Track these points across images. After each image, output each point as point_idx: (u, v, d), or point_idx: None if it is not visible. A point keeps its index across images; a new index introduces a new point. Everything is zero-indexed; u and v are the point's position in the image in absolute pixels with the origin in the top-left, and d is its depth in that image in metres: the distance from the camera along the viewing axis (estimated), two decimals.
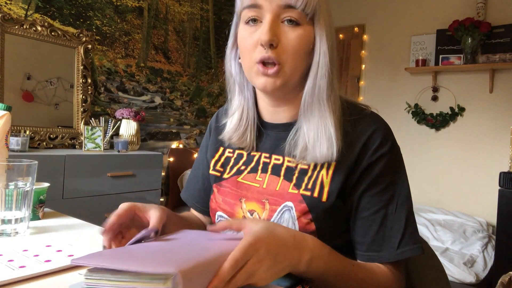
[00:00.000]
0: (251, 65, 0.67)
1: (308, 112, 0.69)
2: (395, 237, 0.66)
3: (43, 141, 2.18)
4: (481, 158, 2.95)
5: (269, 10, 0.64)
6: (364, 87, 3.56)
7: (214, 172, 0.81)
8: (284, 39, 0.64)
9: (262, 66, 0.65)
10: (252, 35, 0.66)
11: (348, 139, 0.69)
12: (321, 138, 0.66)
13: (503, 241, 1.95)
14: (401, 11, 3.33)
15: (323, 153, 0.66)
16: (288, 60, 0.65)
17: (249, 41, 0.66)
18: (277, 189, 0.71)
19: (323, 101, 0.67)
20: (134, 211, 0.63)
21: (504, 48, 2.82)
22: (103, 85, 2.58)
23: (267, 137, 0.77)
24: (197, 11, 3.24)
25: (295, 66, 0.66)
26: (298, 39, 0.64)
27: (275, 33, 0.64)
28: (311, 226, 0.66)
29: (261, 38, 0.63)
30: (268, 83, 0.66)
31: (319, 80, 0.66)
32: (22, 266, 0.58)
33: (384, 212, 0.67)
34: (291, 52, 0.65)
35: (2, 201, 0.73)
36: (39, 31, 2.17)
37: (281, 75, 0.66)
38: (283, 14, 0.64)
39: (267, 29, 0.63)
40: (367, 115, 0.71)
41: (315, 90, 0.67)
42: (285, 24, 0.64)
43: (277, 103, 0.74)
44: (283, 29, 0.64)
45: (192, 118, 3.25)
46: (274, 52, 0.64)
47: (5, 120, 0.88)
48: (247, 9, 0.66)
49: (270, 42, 0.63)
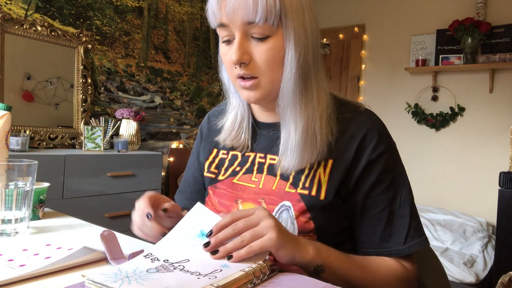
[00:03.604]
0: (233, 80, 0.69)
1: (284, 117, 0.69)
2: (401, 232, 0.67)
3: (43, 141, 2.18)
4: (481, 158, 2.95)
5: (236, 29, 0.64)
6: (364, 87, 3.56)
7: (208, 174, 0.81)
8: (256, 54, 0.64)
9: (241, 80, 0.67)
10: (227, 53, 0.67)
11: (343, 137, 0.69)
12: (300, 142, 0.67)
13: (503, 241, 1.95)
14: (401, 11, 3.33)
15: (307, 156, 0.67)
16: (263, 73, 0.65)
17: (226, 59, 0.68)
18: (274, 188, 0.71)
19: (295, 104, 0.67)
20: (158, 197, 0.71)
21: (504, 48, 2.82)
22: (103, 85, 2.58)
23: (261, 137, 0.77)
24: (197, 11, 3.24)
25: (273, 77, 0.66)
26: (268, 52, 0.64)
27: (245, 51, 0.64)
28: (310, 225, 0.67)
29: (231, 59, 0.64)
30: (250, 95, 0.68)
31: (286, 84, 0.66)
32: (22, 265, 0.58)
33: (390, 209, 0.68)
34: (264, 66, 0.65)
35: (2, 201, 0.73)
36: (39, 31, 2.17)
37: (260, 87, 0.67)
38: (250, 30, 0.63)
39: (235, 49, 0.64)
40: (361, 113, 0.72)
41: (283, 97, 0.67)
42: (255, 38, 0.64)
43: (268, 108, 0.74)
44: (253, 44, 0.64)
45: (192, 118, 3.25)
46: (248, 69, 0.65)
47: (5, 120, 0.88)
48: (218, 28, 0.66)
49: (239, 62, 0.64)
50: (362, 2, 3.54)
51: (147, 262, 0.54)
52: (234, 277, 0.50)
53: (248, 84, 0.66)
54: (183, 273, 0.51)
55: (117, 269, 0.51)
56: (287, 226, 0.67)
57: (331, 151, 0.68)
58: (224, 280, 0.49)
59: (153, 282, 0.48)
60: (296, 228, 0.67)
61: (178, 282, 0.48)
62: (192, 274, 0.51)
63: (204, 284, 0.48)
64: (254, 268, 0.53)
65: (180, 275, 0.51)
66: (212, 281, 0.49)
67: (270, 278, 0.55)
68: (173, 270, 0.52)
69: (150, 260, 0.55)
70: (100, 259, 0.63)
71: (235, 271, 0.52)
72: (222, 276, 0.51)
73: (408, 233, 0.67)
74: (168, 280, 0.49)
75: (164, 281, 0.48)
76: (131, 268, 0.52)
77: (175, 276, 0.50)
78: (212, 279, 0.49)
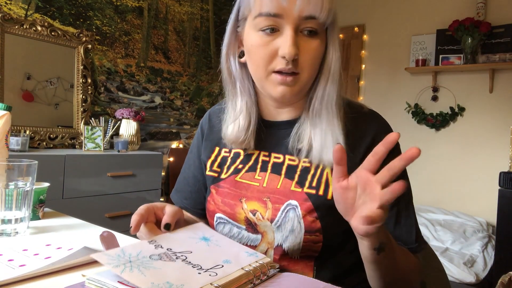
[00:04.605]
0: (266, 74, 0.66)
1: (315, 118, 0.69)
2: (410, 232, 0.68)
3: (43, 141, 2.18)
4: (481, 158, 2.95)
5: (290, 21, 0.62)
6: (364, 87, 3.56)
7: (211, 173, 0.80)
8: (303, 50, 0.64)
9: (279, 75, 0.64)
10: (269, 44, 0.64)
11: (351, 137, 0.69)
12: (328, 143, 0.66)
13: (503, 241, 1.95)
14: (401, 11, 3.33)
15: (330, 158, 0.66)
16: (305, 69, 0.65)
17: (265, 51, 0.64)
18: (279, 187, 0.70)
19: (331, 107, 0.67)
20: (154, 209, 0.66)
21: (504, 48, 2.82)
22: (103, 85, 2.58)
23: (266, 136, 0.76)
24: (197, 11, 3.24)
25: (311, 74, 0.66)
26: (316, 50, 0.64)
27: (297, 46, 0.63)
28: (317, 224, 0.66)
29: (285, 52, 0.62)
30: (286, 91, 0.66)
31: (329, 87, 0.67)
32: (22, 265, 0.58)
33: (397, 209, 0.68)
34: (309, 63, 0.65)
35: (2, 201, 0.73)
36: (39, 31, 2.17)
37: (299, 83, 0.66)
38: (303, 24, 0.63)
39: (290, 43, 0.61)
40: (367, 114, 0.72)
41: (324, 97, 0.67)
42: (305, 34, 0.63)
43: (282, 105, 0.73)
44: (302, 39, 0.64)
45: (192, 118, 3.25)
46: (294, 64, 0.64)
47: (5, 120, 0.88)
48: (264, 17, 0.63)
49: (295, 57, 0.62)
50: (362, 2, 3.54)
51: (150, 248, 0.54)
52: (234, 276, 0.50)
53: (289, 79, 0.64)
54: (185, 265, 0.51)
55: (121, 251, 0.51)
56: (294, 225, 0.67)
57: None
58: (224, 279, 0.49)
59: (155, 272, 0.48)
60: (302, 227, 0.67)
61: (178, 275, 0.48)
62: (194, 267, 0.51)
63: (204, 282, 0.48)
64: (254, 268, 0.53)
65: (181, 267, 0.51)
66: (213, 279, 0.49)
67: (270, 278, 0.55)
68: (175, 260, 0.52)
69: (154, 246, 0.55)
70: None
71: (236, 269, 0.52)
72: (223, 273, 0.50)
73: (417, 232, 0.68)
74: (169, 272, 0.49)
75: (165, 273, 0.48)
76: (135, 252, 0.52)
77: (176, 267, 0.50)
78: (213, 276, 0.49)
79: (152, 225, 0.64)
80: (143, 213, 0.63)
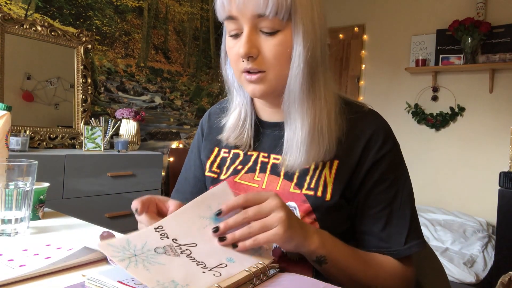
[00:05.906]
0: (238, 74, 0.68)
1: (289, 113, 0.68)
2: (401, 233, 0.67)
3: (43, 141, 2.18)
4: (481, 158, 2.95)
5: (245, 22, 0.63)
6: (364, 87, 3.56)
7: (210, 174, 0.80)
8: (264, 48, 0.64)
9: (247, 74, 0.66)
10: (234, 46, 0.66)
11: (349, 138, 0.69)
12: (306, 140, 0.66)
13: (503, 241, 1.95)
14: (401, 11, 3.33)
15: (313, 154, 0.66)
16: (271, 67, 0.65)
17: (233, 53, 0.67)
18: (278, 189, 0.71)
19: (302, 100, 0.66)
20: (155, 201, 0.65)
21: (504, 48, 2.82)
22: (103, 85, 2.58)
23: (265, 137, 0.76)
24: (197, 11, 3.24)
25: (280, 72, 0.65)
26: (276, 47, 0.63)
27: (254, 44, 0.63)
28: (315, 226, 0.66)
29: (239, 52, 0.63)
30: (255, 89, 0.66)
31: (294, 79, 0.65)
32: (22, 265, 0.58)
33: (390, 209, 0.68)
34: (272, 61, 0.64)
35: (2, 201, 0.73)
36: (39, 31, 2.17)
37: (266, 81, 0.66)
38: (259, 23, 0.63)
39: (244, 42, 0.63)
40: (366, 113, 0.72)
41: (289, 92, 0.66)
42: (264, 31, 0.63)
43: (273, 105, 0.74)
44: (262, 38, 0.64)
45: (192, 118, 3.25)
46: (256, 63, 0.64)
47: (5, 120, 0.88)
48: (226, 21, 0.66)
49: (247, 56, 0.63)
50: (362, 2, 3.54)
51: (156, 238, 0.53)
52: (238, 278, 0.50)
53: (254, 77, 0.65)
54: (189, 261, 0.51)
55: (126, 241, 0.51)
56: None
57: (337, 152, 0.68)
58: (228, 281, 0.49)
59: (159, 269, 0.48)
60: None
61: (183, 274, 0.48)
62: (198, 265, 0.51)
63: (209, 283, 0.48)
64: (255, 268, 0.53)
65: (186, 264, 0.51)
66: (217, 279, 0.49)
67: (270, 278, 0.55)
68: (180, 255, 0.52)
69: (159, 235, 0.54)
70: (100, 259, 0.63)
71: (239, 270, 0.52)
72: (227, 274, 0.51)
73: (409, 234, 0.67)
74: (174, 269, 0.49)
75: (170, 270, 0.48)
76: (140, 243, 0.51)
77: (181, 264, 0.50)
78: (217, 277, 0.50)
79: (153, 215, 0.63)
80: (144, 201, 0.62)
